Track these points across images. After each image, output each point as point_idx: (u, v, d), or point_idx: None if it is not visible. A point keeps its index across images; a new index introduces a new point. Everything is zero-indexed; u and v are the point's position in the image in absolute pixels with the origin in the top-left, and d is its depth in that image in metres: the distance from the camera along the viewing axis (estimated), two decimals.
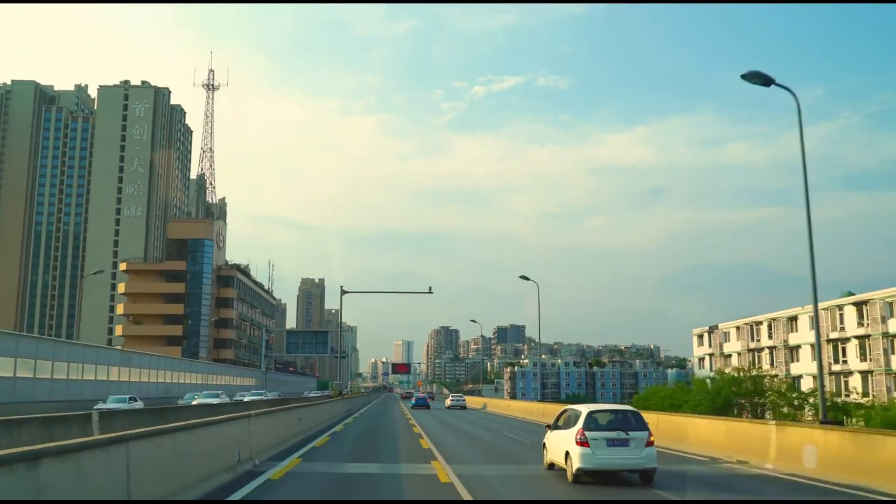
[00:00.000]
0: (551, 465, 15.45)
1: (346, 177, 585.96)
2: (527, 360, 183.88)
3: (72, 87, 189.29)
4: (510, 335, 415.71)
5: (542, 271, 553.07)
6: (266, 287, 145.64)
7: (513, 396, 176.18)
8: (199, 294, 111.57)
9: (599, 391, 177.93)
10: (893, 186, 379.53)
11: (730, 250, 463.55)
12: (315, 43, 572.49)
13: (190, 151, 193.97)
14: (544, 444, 16.04)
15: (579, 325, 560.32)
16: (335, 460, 17.55)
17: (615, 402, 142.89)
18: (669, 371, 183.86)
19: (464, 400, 72.86)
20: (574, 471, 13.45)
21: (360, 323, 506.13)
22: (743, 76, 18.94)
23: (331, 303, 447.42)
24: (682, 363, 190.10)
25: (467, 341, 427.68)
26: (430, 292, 64.48)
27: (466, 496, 11.97)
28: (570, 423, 14.35)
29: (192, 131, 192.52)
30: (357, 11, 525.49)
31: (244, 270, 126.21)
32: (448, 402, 71.60)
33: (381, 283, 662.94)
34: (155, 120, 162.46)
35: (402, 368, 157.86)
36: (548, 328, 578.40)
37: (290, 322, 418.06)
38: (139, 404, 37.92)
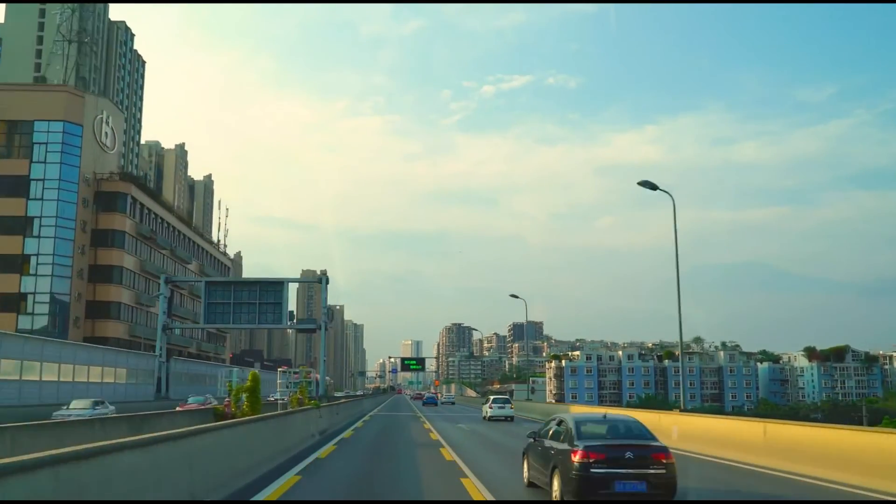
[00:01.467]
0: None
1: (352, 177, 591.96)
2: (578, 354, 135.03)
3: None
4: (528, 332, 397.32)
5: (549, 271, 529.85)
6: (211, 239, 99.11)
7: (560, 399, 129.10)
8: (53, 221, 63.94)
9: (673, 390, 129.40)
10: None
11: (735, 250, 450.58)
12: (322, 43, 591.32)
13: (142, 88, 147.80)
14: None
15: (587, 324, 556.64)
16: None
17: (709, 409, 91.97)
18: (760, 366, 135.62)
19: (510, 407, 43.36)
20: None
21: (367, 322, 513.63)
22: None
23: (334, 298, 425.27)
24: (772, 357, 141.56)
25: (480, 340, 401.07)
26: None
27: None
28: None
29: (144, 62, 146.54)
30: (363, 12, 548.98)
31: (145, 186, 79.25)
32: (489, 410, 42.62)
33: (385, 283, 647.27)
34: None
35: (414, 365, 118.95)
36: (562, 326, 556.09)
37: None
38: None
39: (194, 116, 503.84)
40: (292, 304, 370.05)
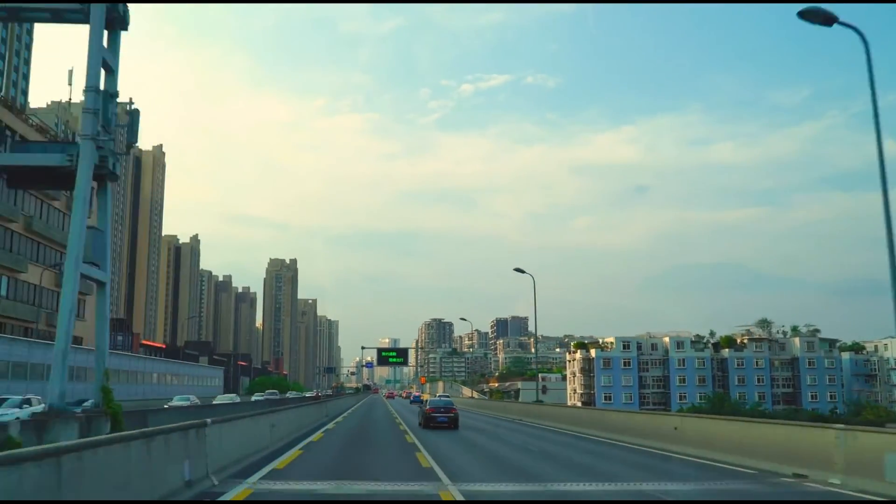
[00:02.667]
0: None
1: (330, 176, 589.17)
2: (612, 340, 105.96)
3: None
4: (511, 328, 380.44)
5: (529, 270, 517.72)
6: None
7: (588, 401, 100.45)
8: None
9: (736, 388, 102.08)
10: (876, 187, 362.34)
11: (712, 250, 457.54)
12: (299, 41, 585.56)
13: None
14: None
15: (569, 322, 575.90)
16: None
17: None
18: (843, 356, 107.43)
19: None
20: None
21: (343, 322, 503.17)
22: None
23: (306, 292, 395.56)
24: (856, 346, 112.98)
25: (460, 336, 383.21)
26: None
27: None
28: None
29: None
30: (341, 10, 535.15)
31: None
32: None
33: (362, 282, 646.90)
34: None
35: (394, 357, 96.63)
36: (545, 324, 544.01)
37: (258, 316, 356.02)
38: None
39: (169, 114, 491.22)
40: (259, 296, 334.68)
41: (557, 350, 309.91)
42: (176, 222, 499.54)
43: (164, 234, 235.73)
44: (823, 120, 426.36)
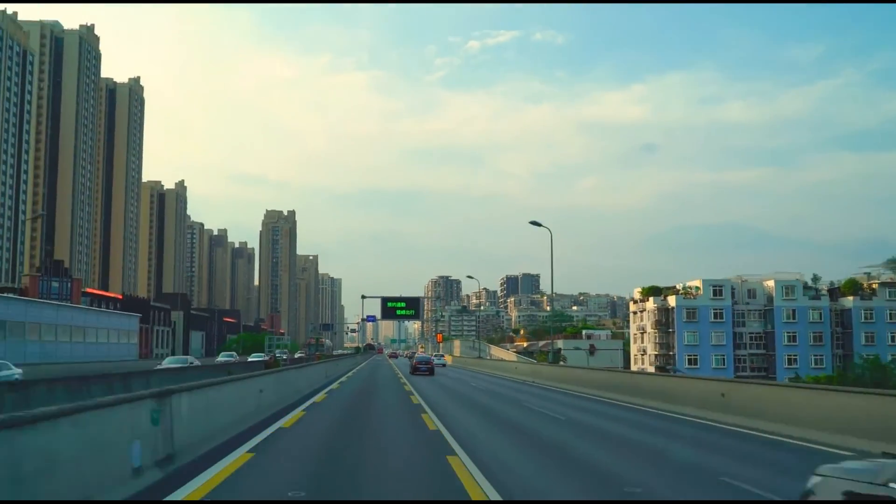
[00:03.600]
0: None
1: (334, 135, 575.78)
2: (697, 283, 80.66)
3: None
4: (523, 285, 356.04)
5: (534, 230, 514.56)
6: None
7: (665, 366, 74.23)
8: None
9: (863, 348, 77.42)
10: (891, 146, 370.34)
11: (717, 210, 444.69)
12: None
13: None
14: None
15: (578, 282, 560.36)
16: None
17: None
18: None
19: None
20: None
21: (347, 281, 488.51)
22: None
23: (306, 248, 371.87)
24: None
25: (468, 295, 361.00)
26: None
27: None
28: None
29: None
30: None
31: None
32: None
33: (366, 242, 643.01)
34: None
35: (402, 309, 78.18)
36: (557, 282, 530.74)
37: (256, 274, 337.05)
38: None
39: (167, 72, 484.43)
40: (255, 253, 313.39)
41: (574, 308, 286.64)
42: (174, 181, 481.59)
43: (147, 180, 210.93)
44: (838, 78, 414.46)
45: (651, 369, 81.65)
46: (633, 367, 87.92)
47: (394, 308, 74.31)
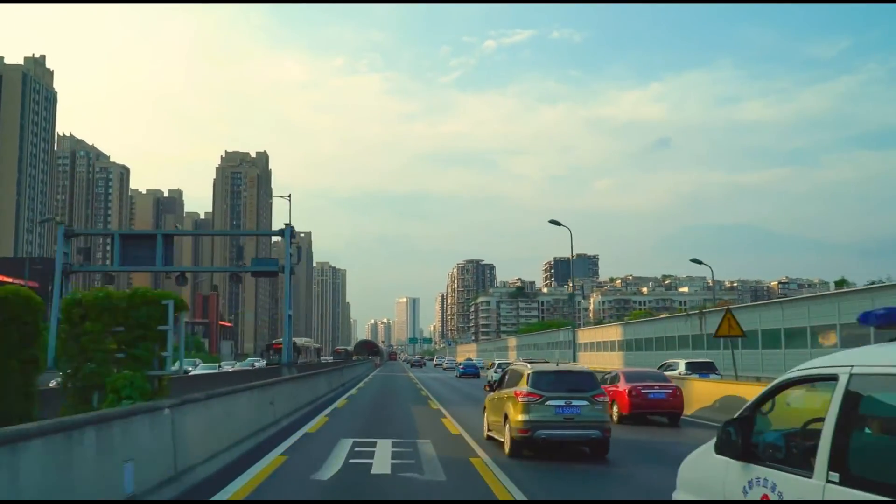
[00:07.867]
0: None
1: (347, 138, 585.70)
2: None
3: None
4: (578, 268, 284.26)
5: (548, 231, 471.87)
6: None
7: None
8: None
9: None
10: None
11: (731, 211, 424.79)
12: None
13: None
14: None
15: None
16: None
17: None
18: None
19: None
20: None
21: (357, 284, 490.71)
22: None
23: (304, 240, 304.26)
24: None
25: (504, 283, 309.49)
26: None
27: None
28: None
29: None
30: None
31: None
32: None
33: (376, 245, 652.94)
34: None
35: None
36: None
37: (207, 251, 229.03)
38: None
39: (180, 74, 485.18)
40: (250, 245, 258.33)
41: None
42: (188, 186, 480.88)
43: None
44: (861, 74, 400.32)
45: None
46: None
47: None
